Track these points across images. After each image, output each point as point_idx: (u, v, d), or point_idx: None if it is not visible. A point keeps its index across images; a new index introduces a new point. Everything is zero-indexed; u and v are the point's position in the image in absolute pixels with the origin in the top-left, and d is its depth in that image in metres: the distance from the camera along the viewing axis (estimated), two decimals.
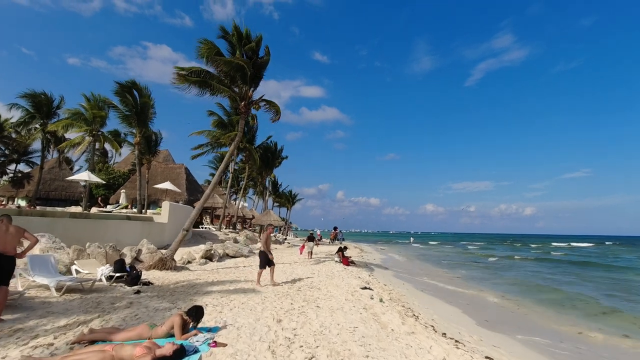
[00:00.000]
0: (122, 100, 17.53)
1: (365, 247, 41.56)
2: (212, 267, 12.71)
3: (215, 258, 14.80)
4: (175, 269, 11.36)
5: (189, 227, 11.56)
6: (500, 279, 16.95)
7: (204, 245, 16.82)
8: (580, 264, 26.47)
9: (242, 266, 13.25)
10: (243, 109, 11.46)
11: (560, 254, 38.68)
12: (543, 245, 66.62)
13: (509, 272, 20.36)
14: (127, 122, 18.38)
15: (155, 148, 28.10)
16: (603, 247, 58.37)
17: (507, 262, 28.02)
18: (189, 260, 13.88)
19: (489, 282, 15.46)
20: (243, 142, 27.68)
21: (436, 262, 25.72)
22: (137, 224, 15.32)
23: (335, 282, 9.50)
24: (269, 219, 27.65)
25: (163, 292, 7.49)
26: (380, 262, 21.00)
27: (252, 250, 19.16)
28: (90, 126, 27.97)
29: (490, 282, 15.48)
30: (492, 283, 15.29)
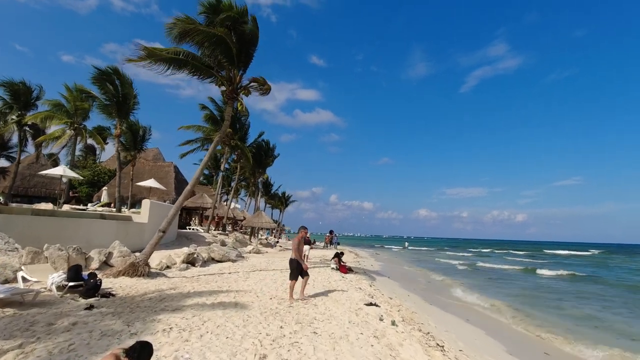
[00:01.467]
0: (102, 88, 16.01)
1: (360, 252, 40.21)
2: (193, 274, 11.25)
3: (198, 263, 13.33)
4: (149, 276, 9.89)
5: (165, 228, 10.11)
6: (504, 289, 15.74)
7: (187, 249, 15.40)
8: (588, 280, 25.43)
9: (228, 272, 11.80)
10: (230, 95, 10.08)
11: (564, 273, 37.73)
12: (533, 252, 65.96)
13: (510, 281, 19.19)
14: (106, 112, 16.84)
15: (142, 144, 26.56)
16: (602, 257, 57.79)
17: (506, 271, 26.91)
18: (167, 265, 12.40)
19: (494, 292, 14.22)
20: (234, 140, 26.25)
21: (436, 269, 24.46)
22: (112, 223, 13.79)
23: (334, 295, 8.12)
24: (261, 220, 26.19)
25: (123, 308, 6.05)
26: (379, 269, 19.66)
27: (240, 254, 17.69)
28: (71, 119, 26.39)
29: (496, 292, 14.26)
30: (499, 293, 14.07)
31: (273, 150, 32.54)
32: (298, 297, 7.49)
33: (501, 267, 29.20)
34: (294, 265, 7.52)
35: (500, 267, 28.65)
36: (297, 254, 7.56)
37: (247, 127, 28.87)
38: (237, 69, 10.02)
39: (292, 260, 7.58)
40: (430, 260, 34.71)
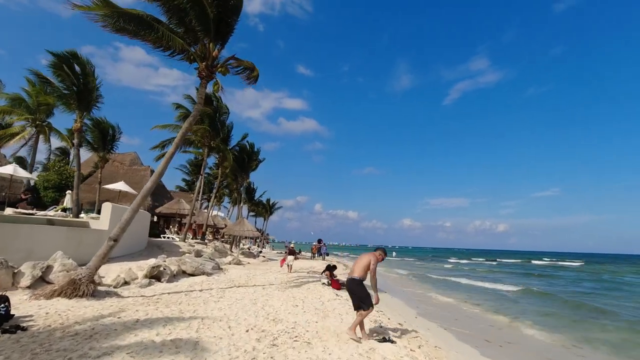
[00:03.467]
0: (59, 75, 13.85)
1: (348, 262, 38.32)
2: (156, 292, 9.20)
3: (164, 277, 11.23)
4: (95, 296, 7.81)
5: (117, 236, 8.08)
6: (513, 305, 14.19)
7: (154, 260, 13.28)
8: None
9: (199, 290, 9.78)
10: (204, 72, 8.25)
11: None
12: (523, 261, 65.54)
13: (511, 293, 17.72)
14: (64, 103, 14.64)
15: (112, 144, 24.18)
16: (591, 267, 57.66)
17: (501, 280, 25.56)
18: (126, 280, 10.28)
19: (504, 308, 12.63)
20: (215, 141, 24.24)
21: (432, 282, 22.82)
22: (62, 230, 11.56)
23: (332, 324, 6.23)
24: (243, 228, 24.09)
25: (21, 354, 4.05)
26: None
27: (218, 266, 15.59)
28: (33, 115, 23.89)
29: (504, 308, 12.67)
30: (507, 309, 12.48)
31: (257, 153, 30.60)
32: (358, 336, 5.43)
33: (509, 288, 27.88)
34: (359, 292, 5.39)
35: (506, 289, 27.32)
36: (372, 280, 5.55)
37: (230, 129, 26.91)
38: (213, 41, 8.22)
39: (359, 284, 5.44)
40: (423, 271, 33.10)
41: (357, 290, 5.42)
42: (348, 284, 5.59)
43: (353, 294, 5.51)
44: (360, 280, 5.47)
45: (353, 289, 5.48)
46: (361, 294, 5.41)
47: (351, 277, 5.52)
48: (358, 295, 5.42)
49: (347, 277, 5.65)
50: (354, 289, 5.45)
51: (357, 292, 5.41)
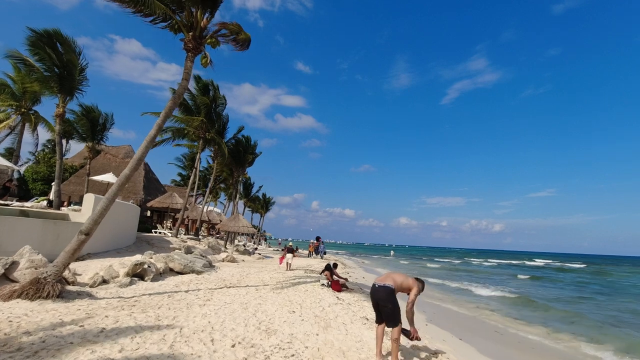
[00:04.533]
0: (39, 55, 12.77)
1: (346, 260, 37.43)
2: (136, 292, 8.22)
3: (148, 276, 10.23)
4: (62, 297, 6.82)
5: (90, 229, 7.08)
6: (521, 308, 13.32)
7: (139, 256, 12.32)
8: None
9: (185, 290, 8.80)
10: (191, 44, 7.23)
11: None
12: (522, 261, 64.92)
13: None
14: (46, 86, 13.56)
15: (103, 133, 23.08)
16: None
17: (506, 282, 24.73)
18: (105, 279, 9.29)
19: (517, 312, 11.76)
20: (210, 133, 23.19)
21: (435, 284, 21.90)
22: (37, 223, 10.54)
23: (334, 338, 5.27)
24: (238, 224, 23.08)
25: None
26: None
27: (210, 263, 14.61)
28: (18, 102, 22.73)
29: (519, 314, 11.79)
30: (524, 315, 11.61)
31: (254, 147, 29.53)
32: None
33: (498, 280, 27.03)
34: (391, 305, 4.35)
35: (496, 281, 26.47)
36: (399, 290, 4.51)
37: (226, 121, 25.85)
38: (201, 8, 7.21)
39: (391, 297, 4.38)
40: (426, 272, 32.22)
41: (388, 300, 4.34)
42: (377, 292, 4.46)
43: (382, 304, 4.41)
44: (393, 289, 4.42)
45: (382, 297, 4.38)
46: (393, 306, 4.35)
47: (383, 284, 4.43)
48: (388, 306, 4.33)
49: (376, 283, 4.53)
50: (384, 298, 4.36)
51: (388, 302, 4.34)
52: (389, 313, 4.34)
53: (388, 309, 4.35)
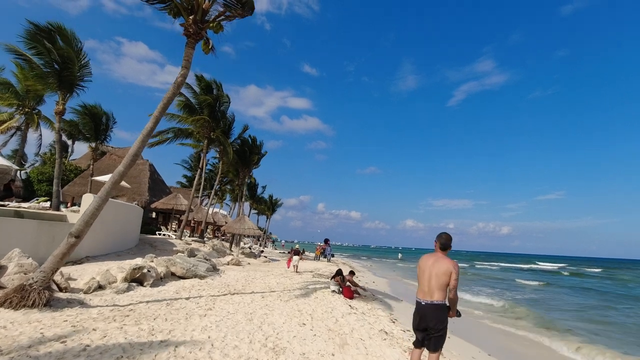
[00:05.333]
0: (37, 50, 12.28)
1: (353, 263, 36.67)
2: (133, 299, 7.59)
3: (148, 281, 9.61)
4: (50, 306, 6.20)
5: (80, 230, 6.48)
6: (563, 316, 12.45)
7: (140, 260, 11.75)
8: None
9: (185, 297, 8.16)
10: (191, 28, 6.61)
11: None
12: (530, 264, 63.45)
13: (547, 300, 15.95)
14: (44, 82, 13.08)
15: (106, 133, 22.67)
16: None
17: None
18: (101, 284, 8.68)
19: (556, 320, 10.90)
20: (215, 132, 22.63)
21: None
22: (32, 224, 10.00)
23: (353, 359, 4.57)
24: (243, 226, 22.48)
25: None
26: (387, 289, 16.15)
27: (215, 267, 14.00)
28: (21, 101, 22.41)
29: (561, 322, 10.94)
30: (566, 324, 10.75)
31: (260, 147, 28.92)
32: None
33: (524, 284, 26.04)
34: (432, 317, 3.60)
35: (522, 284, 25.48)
36: (445, 292, 3.68)
37: (232, 121, 25.30)
38: None
39: (434, 308, 3.63)
40: None
41: (439, 321, 3.55)
42: (425, 312, 3.63)
43: (431, 326, 3.58)
44: (444, 305, 3.63)
45: (432, 319, 3.57)
46: (444, 328, 3.60)
47: (431, 301, 3.62)
48: (439, 329, 3.55)
49: (422, 300, 3.71)
50: (434, 319, 3.56)
51: (439, 324, 3.55)
52: (438, 337, 3.57)
53: (438, 333, 3.57)
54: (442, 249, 3.88)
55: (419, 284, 3.83)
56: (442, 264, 3.70)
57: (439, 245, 3.91)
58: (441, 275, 3.67)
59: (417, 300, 3.80)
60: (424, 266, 3.84)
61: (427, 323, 3.63)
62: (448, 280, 3.64)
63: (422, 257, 3.96)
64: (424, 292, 3.74)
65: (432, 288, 3.69)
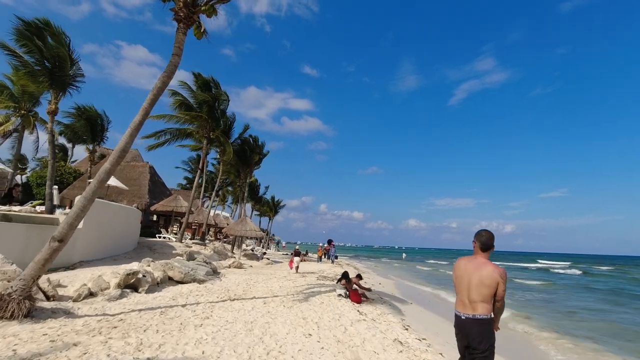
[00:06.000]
0: (28, 47, 11.79)
1: (357, 264, 36.04)
2: (125, 307, 7.03)
3: (143, 287, 9.07)
4: (32, 317, 5.66)
5: (64, 234, 5.92)
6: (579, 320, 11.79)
7: (136, 264, 11.23)
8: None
9: (181, 304, 7.60)
10: (182, 12, 6.08)
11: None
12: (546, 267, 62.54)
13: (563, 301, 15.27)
14: (34, 80, 12.59)
15: (102, 134, 22.21)
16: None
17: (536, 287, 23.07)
18: (92, 291, 8.15)
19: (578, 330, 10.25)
20: (215, 132, 22.10)
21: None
22: (20, 228, 9.49)
23: None
24: (245, 228, 21.93)
25: None
26: (395, 290, 15.52)
27: (215, 270, 13.45)
28: (17, 103, 21.94)
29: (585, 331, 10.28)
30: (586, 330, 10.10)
31: (262, 147, 28.37)
32: None
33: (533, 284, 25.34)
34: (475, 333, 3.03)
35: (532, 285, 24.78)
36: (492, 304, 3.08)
37: (232, 121, 24.75)
38: None
39: (477, 323, 3.05)
40: (446, 276, 30.57)
41: (484, 338, 3.00)
42: (468, 328, 3.05)
43: (475, 345, 3.02)
44: (489, 320, 3.07)
45: (476, 336, 3.00)
46: (489, 350, 3.01)
47: (474, 315, 3.04)
48: (485, 349, 2.99)
49: (461, 314, 3.13)
50: (479, 336, 2.99)
51: (484, 342, 2.99)
52: (481, 355, 2.99)
53: (482, 354, 2.98)
54: (484, 250, 3.21)
55: (457, 294, 3.22)
56: (486, 272, 3.05)
57: (479, 245, 3.23)
58: (485, 286, 3.03)
59: (456, 314, 3.19)
60: (462, 273, 3.20)
61: (468, 341, 3.06)
62: (493, 292, 3.04)
63: (459, 261, 3.29)
64: (464, 304, 3.12)
65: (473, 300, 3.07)
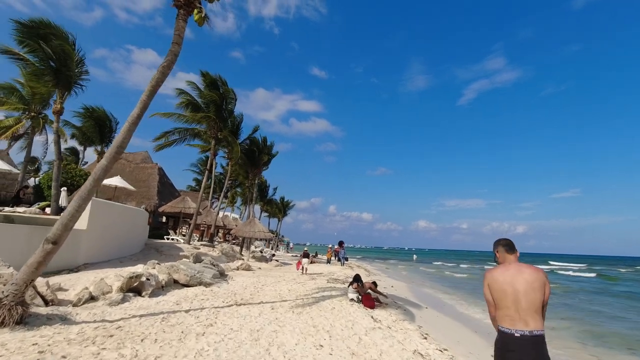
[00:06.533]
0: (30, 47, 11.59)
1: (368, 266, 35.43)
2: (126, 313, 6.66)
3: (147, 290, 8.72)
4: (26, 324, 5.32)
5: (58, 235, 5.56)
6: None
7: (141, 267, 10.93)
8: None
9: (185, 310, 7.19)
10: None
11: None
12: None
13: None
14: (40, 80, 12.41)
15: (110, 135, 22.13)
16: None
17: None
18: (93, 295, 7.83)
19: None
20: (223, 132, 21.81)
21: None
22: (23, 230, 9.24)
23: None
24: (253, 229, 21.57)
25: None
26: (408, 294, 14.94)
27: (222, 273, 13.08)
28: (27, 105, 22.00)
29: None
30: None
31: (270, 147, 28.04)
32: None
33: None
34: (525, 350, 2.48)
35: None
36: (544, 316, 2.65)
37: (240, 120, 24.49)
38: None
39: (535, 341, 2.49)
40: (461, 280, 29.68)
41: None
42: (519, 346, 2.49)
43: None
44: (544, 337, 2.56)
45: (534, 358, 2.49)
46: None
47: (530, 332, 2.50)
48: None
49: (513, 331, 2.54)
50: (537, 357, 2.48)
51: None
52: None
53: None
54: (512, 252, 2.84)
55: (502, 309, 2.66)
56: (530, 274, 2.62)
57: (506, 249, 2.84)
58: (535, 291, 2.55)
59: (504, 331, 2.61)
60: (502, 282, 2.68)
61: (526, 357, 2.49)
62: (543, 297, 2.57)
63: (493, 273, 2.78)
64: (513, 319, 2.57)
65: (524, 311, 2.54)
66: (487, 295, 2.76)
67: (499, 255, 2.90)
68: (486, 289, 2.78)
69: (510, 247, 2.86)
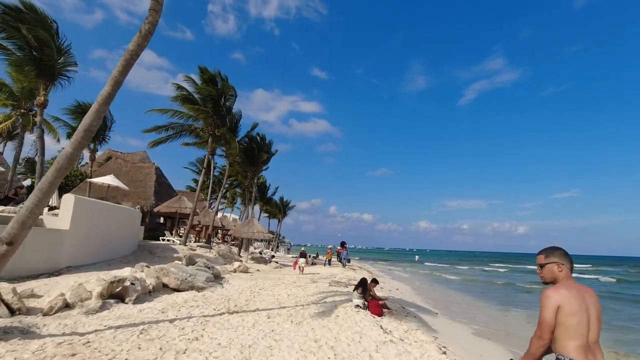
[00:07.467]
0: (7, 33, 10.78)
1: (371, 267, 34.56)
2: (98, 325, 5.82)
3: (131, 296, 7.87)
4: None
5: (13, 236, 4.73)
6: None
7: (129, 269, 10.16)
8: None
9: (169, 319, 6.35)
10: None
11: None
12: None
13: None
14: (20, 70, 11.59)
15: (104, 133, 21.34)
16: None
17: None
18: (69, 302, 7.00)
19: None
20: (220, 129, 20.99)
21: (492, 297, 18.52)
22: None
23: None
24: (252, 230, 20.73)
25: None
26: (415, 297, 14.06)
27: (217, 276, 12.25)
28: (17, 102, 21.22)
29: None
30: None
31: (270, 146, 27.20)
32: None
33: None
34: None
35: None
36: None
37: (239, 118, 23.67)
38: None
39: None
40: (468, 282, 28.73)
41: None
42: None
43: None
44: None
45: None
46: None
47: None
48: None
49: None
50: None
51: None
52: None
53: None
54: (571, 271, 2.35)
55: (573, 339, 2.13)
56: (595, 298, 2.26)
57: (570, 267, 2.32)
58: (599, 318, 2.22)
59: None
60: (576, 305, 2.17)
61: None
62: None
63: (563, 292, 2.20)
64: (585, 350, 2.08)
65: (594, 343, 2.17)
66: (550, 318, 2.17)
67: (559, 270, 2.29)
68: (552, 312, 2.17)
69: (572, 265, 2.33)
